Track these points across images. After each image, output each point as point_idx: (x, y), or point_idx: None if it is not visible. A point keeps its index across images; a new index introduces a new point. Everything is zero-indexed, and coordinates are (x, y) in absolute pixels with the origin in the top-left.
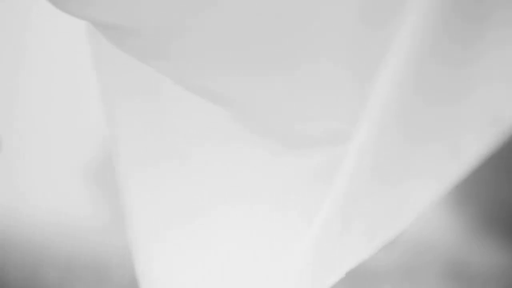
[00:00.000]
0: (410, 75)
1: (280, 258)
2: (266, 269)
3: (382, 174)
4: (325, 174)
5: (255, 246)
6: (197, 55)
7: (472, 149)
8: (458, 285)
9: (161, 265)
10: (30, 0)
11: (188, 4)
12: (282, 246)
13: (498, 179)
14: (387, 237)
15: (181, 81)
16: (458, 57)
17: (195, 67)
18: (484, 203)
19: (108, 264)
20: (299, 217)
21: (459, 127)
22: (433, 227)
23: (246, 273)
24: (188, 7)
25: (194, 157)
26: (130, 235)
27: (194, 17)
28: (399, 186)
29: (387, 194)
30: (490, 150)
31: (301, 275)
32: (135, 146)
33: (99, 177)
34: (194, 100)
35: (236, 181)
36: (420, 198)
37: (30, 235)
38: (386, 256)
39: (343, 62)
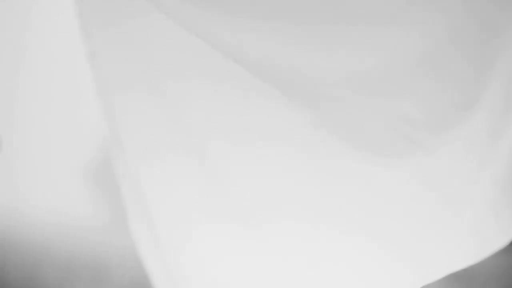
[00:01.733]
0: None
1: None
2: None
3: None
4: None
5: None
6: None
7: None
8: (458, 285)
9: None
10: (30, 0)
11: None
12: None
13: None
14: None
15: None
16: None
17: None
18: None
19: (108, 264)
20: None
21: None
22: None
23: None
24: None
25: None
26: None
27: None
28: None
29: None
30: None
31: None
32: (143, 139)
33: (99, 177)
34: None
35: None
36: None
37: (30, 235)
38: None
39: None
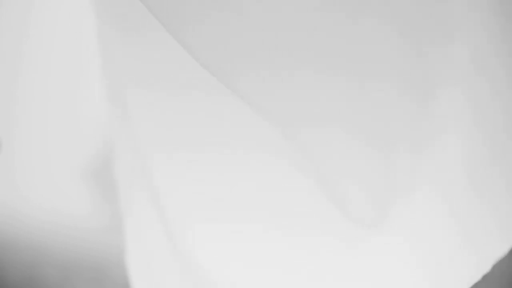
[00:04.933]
0: None
1: None
2: None
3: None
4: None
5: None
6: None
7: None
8: None
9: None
10: (31, 0)
11: None
12: None
13: None
14: None
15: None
16: None
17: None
18: None
19: (108, 264)
20: None
21: None
22: None
23: None
24: None
25: None
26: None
27: None
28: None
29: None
30: None
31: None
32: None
33: (99, 177)
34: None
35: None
36: None
37: (30, 235)
38: None
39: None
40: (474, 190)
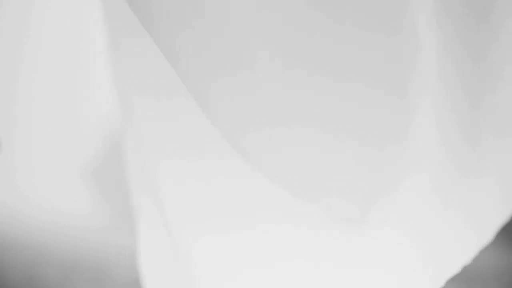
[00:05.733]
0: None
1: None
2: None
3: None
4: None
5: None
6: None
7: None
8: (458, 285)
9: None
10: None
11: None
12: None
13: None
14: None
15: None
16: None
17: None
18: None
19: (108, 264)
20: None
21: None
22: None
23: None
24: None
25: None
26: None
27: None
28: None
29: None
30: None
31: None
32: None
33: (99, 177)
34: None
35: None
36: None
37: (30, 235)
38: None
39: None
40: (462, 174)
